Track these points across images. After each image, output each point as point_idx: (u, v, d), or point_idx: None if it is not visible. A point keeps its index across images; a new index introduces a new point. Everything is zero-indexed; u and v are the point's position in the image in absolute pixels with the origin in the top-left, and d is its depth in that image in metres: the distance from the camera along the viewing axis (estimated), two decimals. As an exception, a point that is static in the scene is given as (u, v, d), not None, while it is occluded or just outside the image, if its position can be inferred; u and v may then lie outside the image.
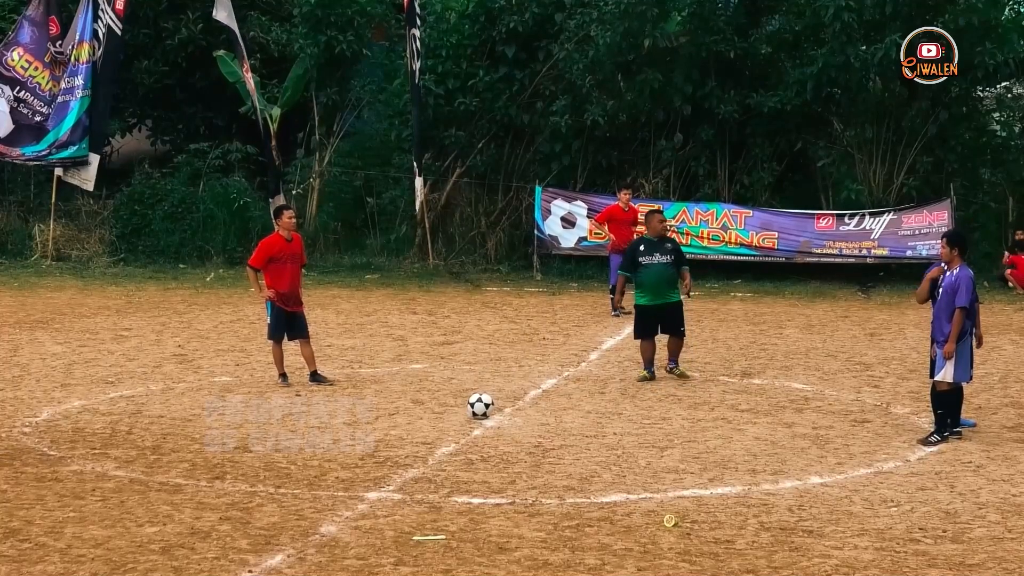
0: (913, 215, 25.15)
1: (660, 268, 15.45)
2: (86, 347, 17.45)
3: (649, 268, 15.46)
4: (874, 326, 20.09)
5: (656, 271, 15.45)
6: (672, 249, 15.72)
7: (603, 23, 25.69)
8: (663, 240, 15.82)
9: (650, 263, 15.46)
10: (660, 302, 15.44)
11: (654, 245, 15.60)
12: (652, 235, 15.76)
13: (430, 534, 9.33)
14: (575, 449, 11.95)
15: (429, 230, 26.87)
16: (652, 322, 15.50)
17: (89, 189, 27.23)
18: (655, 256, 15.48)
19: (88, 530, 9.38)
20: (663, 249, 15.58)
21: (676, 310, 15.55)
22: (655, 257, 15.48)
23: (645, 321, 15.51)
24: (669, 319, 15.52)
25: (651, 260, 15.46)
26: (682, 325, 15.62)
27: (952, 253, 12.39)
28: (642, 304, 15.56)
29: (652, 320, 15.49)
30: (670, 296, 15.53)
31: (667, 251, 15.59)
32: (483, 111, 27.13)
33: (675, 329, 15.57)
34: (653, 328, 15.49)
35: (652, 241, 15.67)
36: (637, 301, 15.70)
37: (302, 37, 27.40)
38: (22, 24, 26.51)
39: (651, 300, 15.46)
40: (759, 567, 8.70)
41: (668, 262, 15.51)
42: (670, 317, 15.52)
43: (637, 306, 15.69)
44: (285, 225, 15.10)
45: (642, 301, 15.57)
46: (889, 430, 12.91)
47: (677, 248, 15.95)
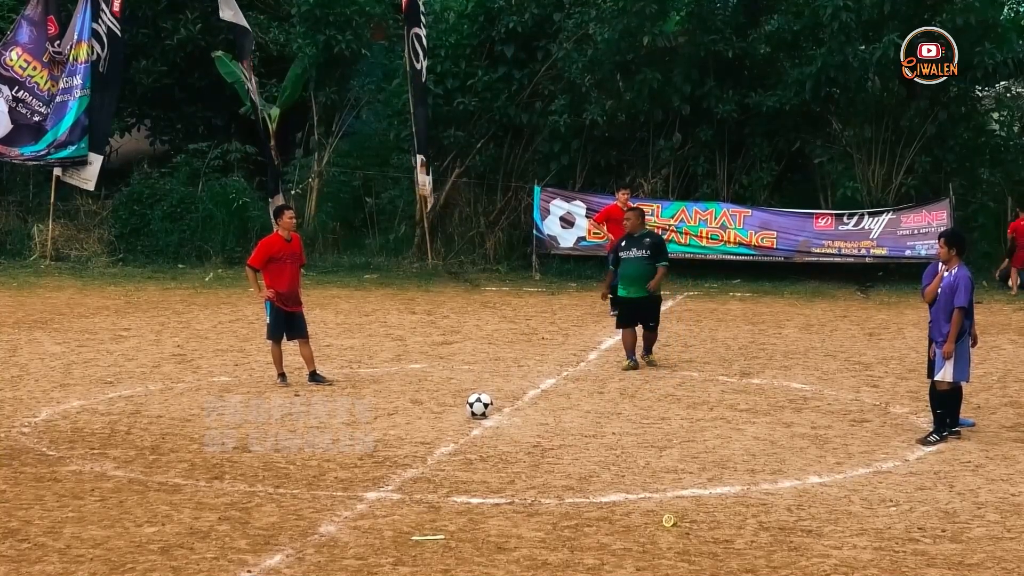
0: (912, 215, 25.16)
1: (636, 262, 16.19)
2: (85, 347, 17.45)
3: (627, 262, 16.25)
4: (873, 326, 20.10)
5: (632, 265, 16.20)
6: (651, 244, 16.36)
7: (602, 21, 25.73)
8: (643, 236, 16.50)
9: (627, 257, 16.27)
10: (638, 295, 16.16)
11: (633, 240, 16.34)
12: (632, 231, 16.46)
13: (429, 534, 9.33)
14: (574, 449, 11.95)
15: (428, 230, 26.88)
16: (631, 313, 16.27)
17: (90, 189, 27.24)
18: (632, 251, 16.26)
19: (87, 530, 9.37)
20: (641, 244, 16.27)
21: (652, 304, 16.27)
22: (632, 252, 16.25)
23: (625, 312, 16.36)
24: (644, 312, 16.26)
25: (628, 254, 16.28)
26: (653, 320, 16.31)
27: (950, 253, 12.38)
28: (622, 296, 16.37)
29: (631, 311, 16.26)
30: (648, 290, 16.19)
31: (645, 246, 16.26)
32: (482, 111, 27.14)
33: (646, 323, 16.29)
34: (632, 319, 16.27)
35: (632, 236, 16.40)
36: (619, 293, 16.49)
37: (301, 37, 27.40)
38: (21, 24, 26.50)
39: (629, 292, 16.22)
40: (758, 567, 8.70)
41: (644, 256, 16.19)
42: (645, 310, 16.25)
43: (618, 297, 16.53)
44: (285, 225, 15.10)
45: (622, 293, 16.36)
46: (888, 430, 12.91)
47: (656, 244, 16.54)
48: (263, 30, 29.06)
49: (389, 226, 27.83)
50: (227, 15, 25.59)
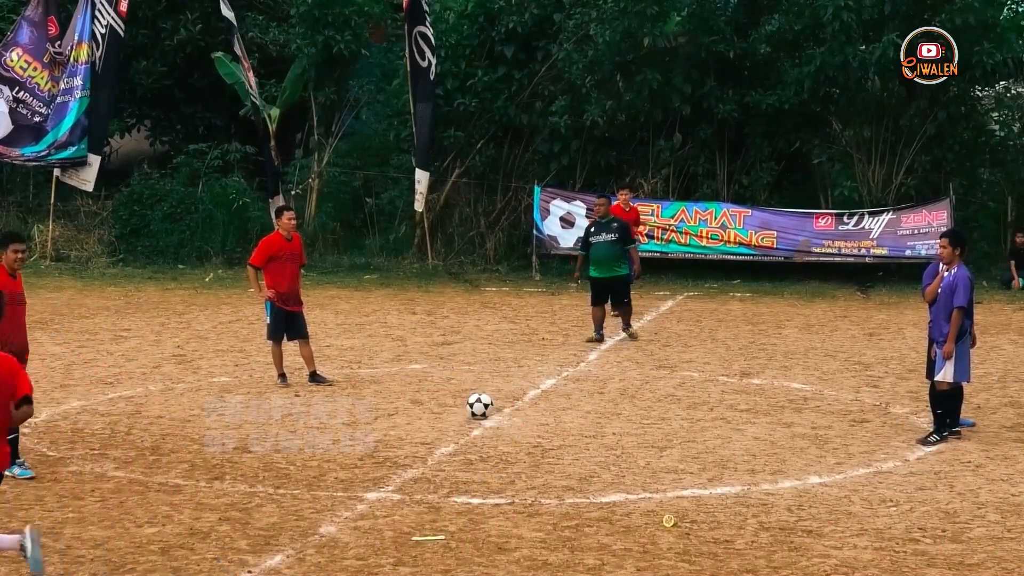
0: (912, 215, 25.15)
1: (606, 246, 18.02)
2: (85, 348, 17.44)
3: (597, 246, 18.08)
4: (873, 326, 20.10)
5: (602, 248, 18.03)
6: (617, 228, 18.11)
7: (602, 22, 25.72)
8: (610, 221, 18.25)
9: (597, 241, 18.10)
10: (608, 275, 18.02)
11: (601, 226, 18.20)
12: (599, 217, 18.42)
13: (429, 534, 9.33)
14: (574, 449, 11.95)
15: (428, 230, 26.88)
16: (602, 292, 18.16)
17: (89, 190, 27.21)
18: (602, 235, 18.08)
19: (87, 531, 9.37)
20: (609, 229, 18.09)
21: (623, 282, 18.16)
22: (602, 236, 18.08)
23: (596, 291, 18.20)
24: (616, 290, 18.15)
25: (599, 239, 18.10)
26: (626, 296, 18.23)
27: (954, 252, 12.35)
28: (593, 276, 18.20)
29: (602, 290, 18.14)
30: (617, 270, 18.07)
31: (612, 230, 18.06)
32: (482, 111, 27.13)
33: (620, 299, 18.19)
34: (603, 297, 18.18)
35: (600, 223, 18.30)
36: (590, 274, 18.26)
37: (300, 37, 27.39)
38: (21, 24, 26.49)
39: (600, 273, 18.07)
40: (758, 567, 8.70)
41: (613, 240, 18.00)
42: (617, 289, 18.13)
43: (590, 278, 18.27)
44: (285, 226, 15.10)
45: (594, 274, 18.17)
46: (888, 430, 12.91)
47: (622, 228, 18.21)
48: (263, 30, 29.05)
49: (389, 226, 27.83)
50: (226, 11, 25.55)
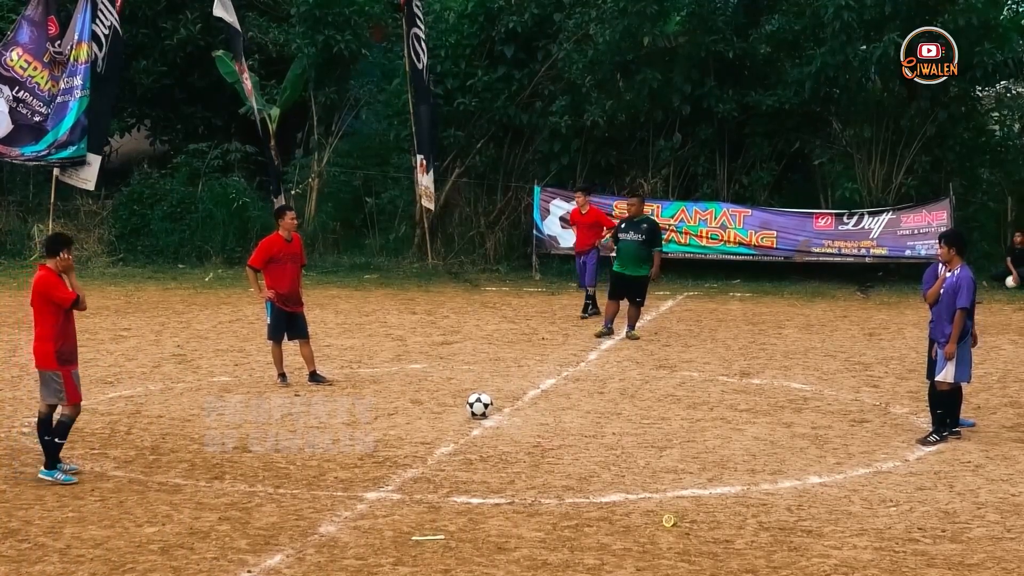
0: (912, 215, 25.14)
1: (633, 244, 18.22)
2: (85, 347, 17.37)
3: (624, 243, 18.30)
4: (873, 326, 20.09)
5: (629, 246, 18.23)
6: (647, 230, 18.31)
7: (602, 22, 25.71)
8: (641, 221, 18.52)
9: (624, 239, 18.30)
10: (630, 273, 18.17)
11: (632, 224, 18.45)
12: (633, 215, 18.76)
13: (429, 534, 9.33)
14: (574, 449, 11.95)
15: (428, 230, 26.88)
16: (621, 288, 18.32)
17: (90, 189, 27.20)
18: (630, 234, 18.29)
19: (87, 530, 9.38)
20: (638, 229, 18.29)
21: (641, 283, 18.25)
22: (630, 235, 18.29)
23: (615, 286, 18.40)
24: (633, 289, 18.25)
25: (626, 237, 18.31)
26: (639, 296, 18.34)
27: (950, 253, 12.36)
28: (616, 271, 18.41)
29: (621, 286, 18.30)
30: (639, 270, 18.18)
31: (641, 231, 18.25)
32: (482, 111, 27.12)
33: (633, 299, 18.29)
34: (620, 293, 18.35)
35: (631, 221, 18.58)
36: (614, 268, 18.45)
37: (300, 37, 27.38)
38: (21, 24, 26.47)
39: (623, 269, 18.25)
40: (758, 567, 8.70)
41: (639, 240, 18.17)
42: (634, 288, 18.24)
43: (613, 272, 18.46)
44: (286, 226, 15.09)
45: (617, 269, 18.38)
46: (888, 430, 12.91)
47: (651, 230, 18.44)
48: (263, 30, 29.04)
49: (389, 226, 27.82)
50: (219, 11, 25.56)
